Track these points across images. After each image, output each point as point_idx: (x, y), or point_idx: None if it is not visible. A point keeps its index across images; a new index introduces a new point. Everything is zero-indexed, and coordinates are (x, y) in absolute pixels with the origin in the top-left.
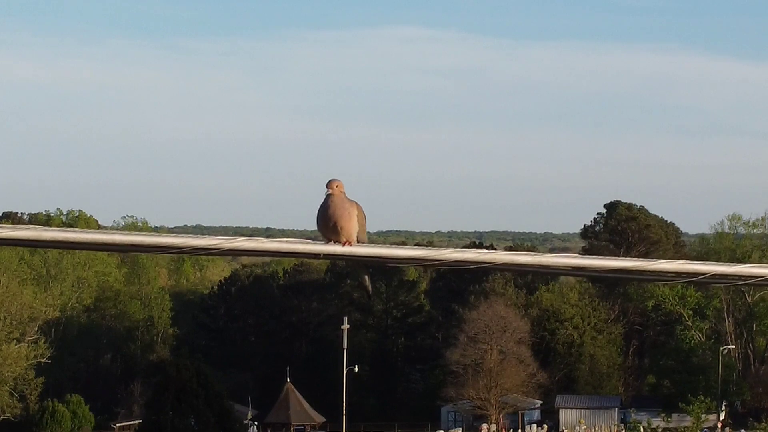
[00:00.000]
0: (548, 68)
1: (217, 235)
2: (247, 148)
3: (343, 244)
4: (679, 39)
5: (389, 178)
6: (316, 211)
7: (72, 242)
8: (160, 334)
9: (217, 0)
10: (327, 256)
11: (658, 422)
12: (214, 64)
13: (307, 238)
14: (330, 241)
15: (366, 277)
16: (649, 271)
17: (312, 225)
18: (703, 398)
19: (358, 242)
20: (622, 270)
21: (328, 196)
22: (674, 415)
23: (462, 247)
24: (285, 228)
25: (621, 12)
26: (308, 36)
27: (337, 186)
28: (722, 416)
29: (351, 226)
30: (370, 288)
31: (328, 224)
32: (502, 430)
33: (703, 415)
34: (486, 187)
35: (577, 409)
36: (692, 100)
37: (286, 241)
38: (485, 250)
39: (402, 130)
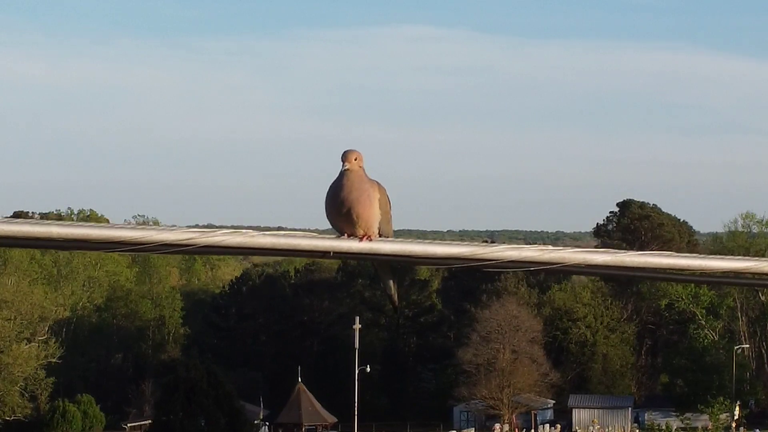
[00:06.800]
0: (557, 66)
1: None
2: (256, 146)
3: (361, 239)
4: (689, 37)
5: (399, 177)
6: (325, 193)
7: None
8: (171, 334)
9: None
10: (339, 254)
11: (675, 423)
12: (222, 64)
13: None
14: (343, 234)
15: (391, 282)
16: None
17: (325, 224)
18: (723, 399)
19: (380, 236)
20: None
21: (344, 172)
22: (687, 415)
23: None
24: (297, 227)
25: (632, 10)
26: (316, 35)
27: (356, 159)
28: (736, 416)
29: (371, 213)
30: (396, 296)
31: (340, 210)
32: (515, 429)
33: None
34: (497, 185)
35: (590, 408)
36: (704, 99)
37: (286, 236)
38: (550, 247)
39: (411, 129)
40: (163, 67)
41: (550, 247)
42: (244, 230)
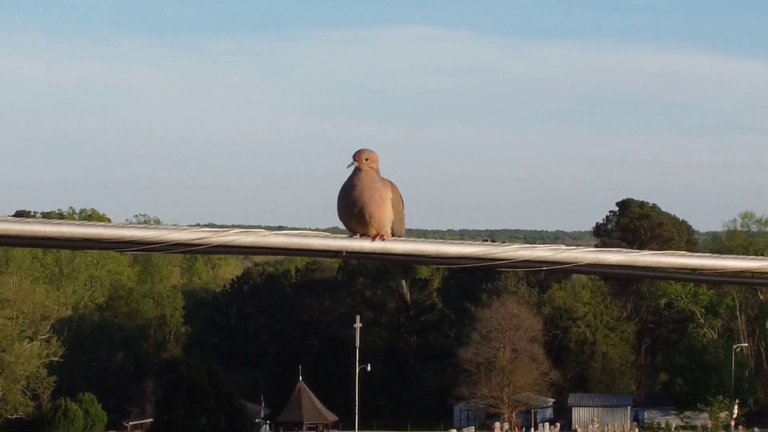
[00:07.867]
0: (558, 66)
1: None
2: (256, 146)
3: (374, 238)
4: (689, 37)
5: (400, 177)
6: (337, 193)
7: None
8: (172, 333)
9: None
10: (351, 254)
11: (674, 421)
12: (222, 63)
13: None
14: (355, 233)
15: (404, 282)
16: None
17: (325, 223)
18: (722, 399)
19: (393, 236)
20: None
21: (356, 172)
22: (686, 413)
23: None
24: (298, 226)
25: (632, 10)
26: (316, 35)
27: (367, 159)
28: (735, 414)
29: (383, 213)
30: (408, 295)
31: (352, 210)
32: (515, 428)
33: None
34: (497, 185)
35: (589, 407)
36: (704, 99)
37: (298, 235)
38: (563, 247)
39: (411, 129)
40: (163, 67)
41: (563, 246)
42: (255, 229)
